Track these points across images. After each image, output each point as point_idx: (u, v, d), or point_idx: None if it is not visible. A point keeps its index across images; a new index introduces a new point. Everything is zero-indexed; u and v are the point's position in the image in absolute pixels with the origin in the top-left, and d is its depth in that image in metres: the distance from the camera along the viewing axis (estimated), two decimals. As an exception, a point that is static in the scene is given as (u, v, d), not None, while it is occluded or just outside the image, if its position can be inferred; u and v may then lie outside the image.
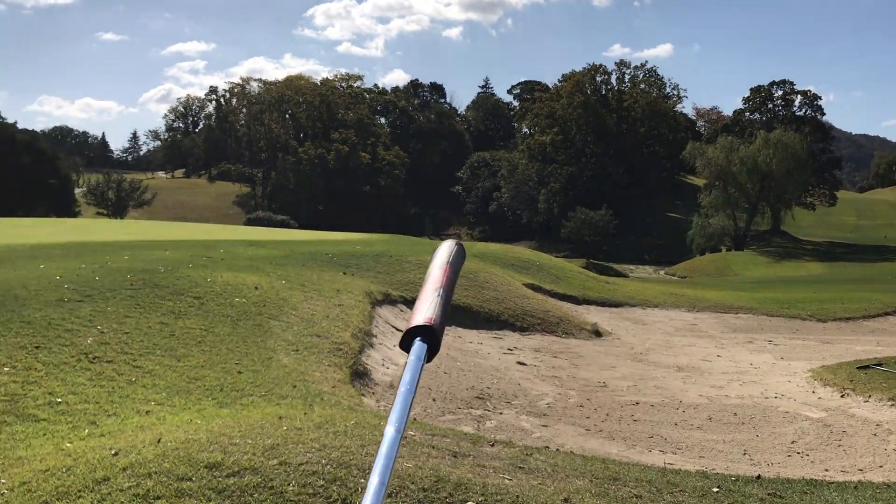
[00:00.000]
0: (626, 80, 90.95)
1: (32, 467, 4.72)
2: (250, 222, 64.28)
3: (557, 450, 6.22)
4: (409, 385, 1.14)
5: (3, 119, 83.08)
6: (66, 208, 77.38)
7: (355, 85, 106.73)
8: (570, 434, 8.33)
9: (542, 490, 4.19)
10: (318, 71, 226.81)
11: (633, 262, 63.10)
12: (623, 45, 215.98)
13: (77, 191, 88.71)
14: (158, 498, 3.83)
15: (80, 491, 4.05)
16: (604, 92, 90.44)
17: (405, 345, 1.23)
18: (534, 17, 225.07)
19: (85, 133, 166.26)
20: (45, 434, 5.62)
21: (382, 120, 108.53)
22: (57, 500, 4.01)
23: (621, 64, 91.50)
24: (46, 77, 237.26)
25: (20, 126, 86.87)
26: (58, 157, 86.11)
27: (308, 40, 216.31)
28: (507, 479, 4.27)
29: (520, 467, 4.63)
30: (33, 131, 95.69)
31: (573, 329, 15.43)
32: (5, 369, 6.85)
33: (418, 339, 1.23)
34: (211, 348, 8.55)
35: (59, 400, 6.36)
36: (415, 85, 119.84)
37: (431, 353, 1.23)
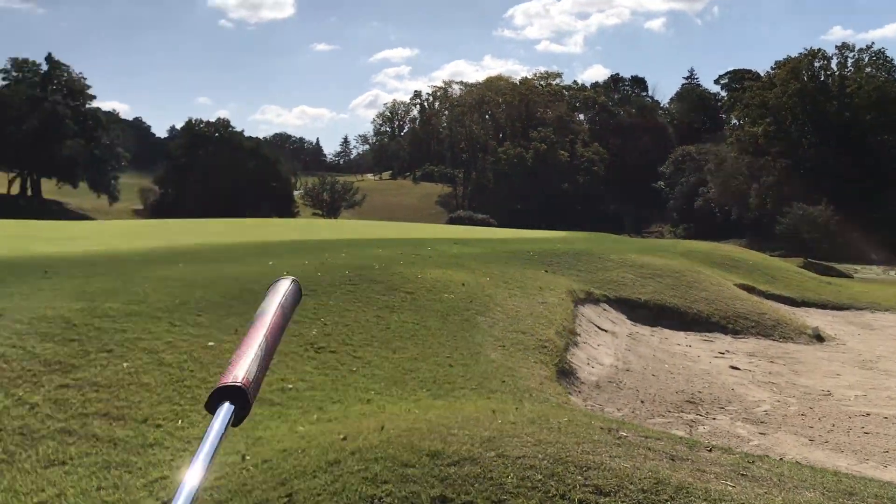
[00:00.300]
0: (849, 64, 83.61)
1: (272, 447, 5.17)
2: (452, 221, 66.06)
3: (781, 459, 5.87)
4: (201, 463, 0.96)
5: (233, 128, 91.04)
6: (287, 209, 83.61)
7: (554, 83, 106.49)
8: (792, 444, 7.83)
9: (769, 500, 3.98)
10: (517, 71, 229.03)
11: (858, 261, 57.92)
12: (844, 27, 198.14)
13: (295, 193, 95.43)
14: (385, 482, 4.05)
15: (315, 471, 4.38)
16: (823, 78, 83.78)
17: (210, 406, 1.05)
18: (743, 3, 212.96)
19: (301, 139, 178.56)
20: (279, 417, 6.13)
21: (581, 116, 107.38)
22: (295, 478, 4.36)
23: (843, 47, 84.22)
24: (267, 87, 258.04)
25: (246, 134, 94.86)
26: (279, 162, 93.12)
27: (507, 41, 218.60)
28: (730, 485, 4.09)
29: (742, 474, 4.42)
30: (257, 138, 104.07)
31: (791, 333, 14.48)
32: (244, 356, 7.53)
33: (227, 402, 1.04)
34: (423, 341, 8.91)
35: (290, 386, 6.90)
36: (615, 79, 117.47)
37: (241, 414, 1.06)
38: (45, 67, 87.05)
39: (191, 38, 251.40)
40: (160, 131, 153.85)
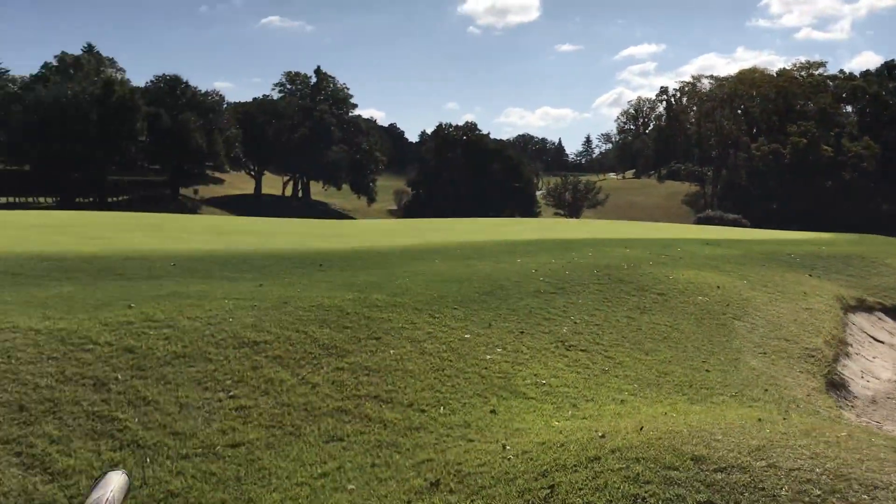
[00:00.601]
0: None
1: (530, 439, 5.30)
2: (701, 221, 63.15)
3: None
4: None
5: (479, 131, 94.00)
6: (529, 209, 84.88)
7: (816, 73, 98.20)
8: None
9: None
10: (773, 62, 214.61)
11: None
12: None
13: (537, 193, 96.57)
14: (648, 483, 4.00)
15: (575, 466, 4.43)
16: None
17: None
18: None
19: (543, 140, 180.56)
20: (534, 411, 6.26)
21: (848, 108, 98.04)
22: (556, 471, 4.44)
23: None
24: (512, 90, 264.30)
25: (491, 137, 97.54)
26: (522, 163, 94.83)
27: (762, 31, 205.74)
28: None
29: None
30: (502, 140, 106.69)
31: None
32: (497, 350, 7.78)
33: None
34: (676, 344, 8.65)
35: (543, 381, 7.02)
36: (889, 66, 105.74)
37: None
38: (313, 79, 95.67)
39: (441, 46, 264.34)
40: (412, 136, 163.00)
